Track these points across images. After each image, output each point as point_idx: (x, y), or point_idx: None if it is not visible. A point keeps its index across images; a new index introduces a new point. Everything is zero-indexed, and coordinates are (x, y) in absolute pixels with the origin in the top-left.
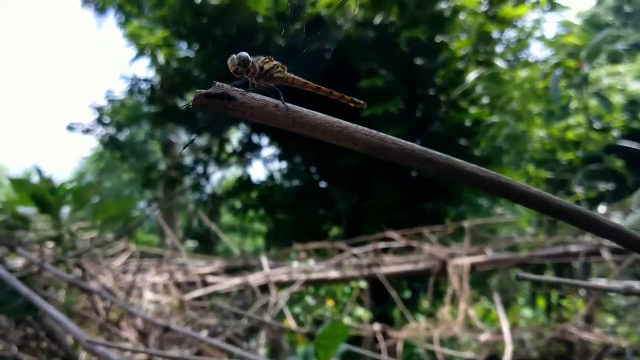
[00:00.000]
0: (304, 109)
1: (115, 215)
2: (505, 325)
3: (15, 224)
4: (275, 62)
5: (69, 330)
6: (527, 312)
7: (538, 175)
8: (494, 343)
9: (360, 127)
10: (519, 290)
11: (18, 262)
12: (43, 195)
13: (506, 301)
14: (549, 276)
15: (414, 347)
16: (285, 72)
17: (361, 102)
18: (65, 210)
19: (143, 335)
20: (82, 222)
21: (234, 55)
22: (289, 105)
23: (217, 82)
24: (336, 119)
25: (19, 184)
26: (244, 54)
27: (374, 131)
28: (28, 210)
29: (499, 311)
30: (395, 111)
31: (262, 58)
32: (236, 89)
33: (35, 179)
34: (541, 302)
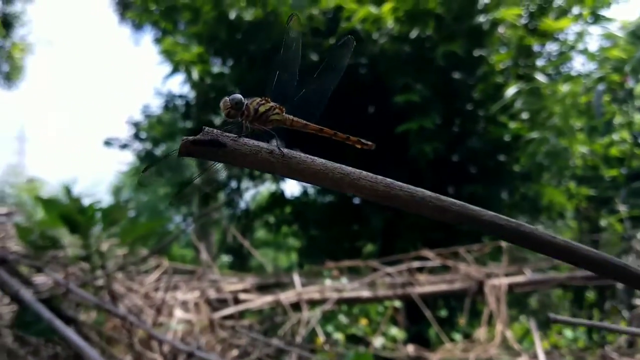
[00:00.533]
0: (301, 154)
1: (144, 235)
2: (541, 353)
3: (45, 244)
4: (271, 104)
5: (89, 357)
6: (568, 333)
7: (580, 192)
8: None
9: (365, 173)
10: (560, 310)
11: (49, 280)
12: (72, 215)
13: (545, 321)
14: (589, 299)
15: None
16: (284, 113)
17: (369, 143)
18: (96, 230)
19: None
20: (113, 239)
21: (226, 98)
22: (284, 150)
23: (206, 128)
24: (338, 165)
25: (49, 204)
26: (237, 95)
27: (379, 177)
28: (58, 230)
29: (536, 338)
30: (431, 126)
31: (258, 99)
32: (227, 134)
33: (65, 199)
34: None
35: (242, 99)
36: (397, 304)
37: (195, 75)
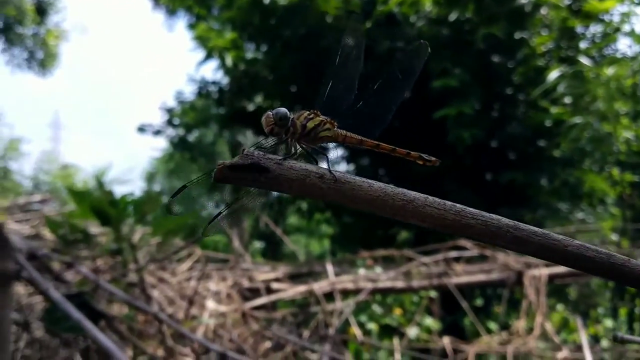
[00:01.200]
0: (356, 177)
1: (176, 228)
2: (586, 346)
3: (75, 237)
4: (321, 118)
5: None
6: (609, 322)
7: (624, 179)
8: None
9: (431, 199)
10: (600, 299)
11: (80, 276)
12: (104, 207)
13: (585, 310)
14: (631, 289)
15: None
16: (335, 128)
17: (432, 158)
18: (128, 222)
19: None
20: (145, 230)
21: (269, 112)
22: (337, 174)
23: (246, 149)
24: (399, 190)
25: (80, 196)
26: (282, 109)
27: (448, 203)
28: (89, 223)
29: (582, 337)
30: (470, 112)
31: (305, 113)
32: (270, 156)
33: (97, 190)
34: (623, 312)
35: (288, 113)
36: (433, 293)
37: (228, 61)
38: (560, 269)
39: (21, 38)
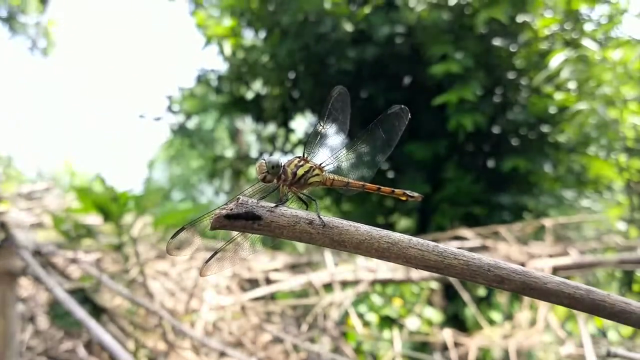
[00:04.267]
0: (344, 221)
1: (176, 223)
2: (587, 343)
3: (78, 233)
4: (310, 164)
5: (115, 357)
6: None
7: (631, 166)
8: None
9: (414, 240)
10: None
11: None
12: (106, 203)
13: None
14: None
15: (488, 350)
16: (324, 173)
17: (415, 194)
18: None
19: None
20: (146, 222)
21: (262, 160)
22: (325, 219)
23: (241, 198)
24: (384, 232)
25: (83, 192)
26: (275, 158)
27: (431, 244)
28: (92, 218)
29: (583, 330)
30: (471, 98)
31: (295, 161)
32: (263, 204)
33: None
34: None
35: (280, 161)
36: (434, 285)
37: (227, 49)
38: (565, 260)
39: (24, 27)
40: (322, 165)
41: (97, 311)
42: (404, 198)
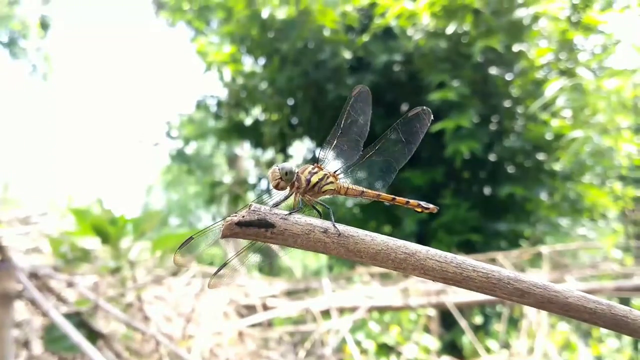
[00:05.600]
0: (359, 230)
1: (175, 246)
2: None
3: (75, 256)
4: (324, 172)
5: None
6: (614, 342)
7: (626, 194)
8: None
9: (433, 251)
10: None
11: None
12: (104, 226)
13: (587, 330)
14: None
15: None
16: (338, 181)
17: (430, 206)
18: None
19: None
20: (144, 247)
21: (275, 167)
22: (340, 227)
23: (254, 205)
24: (401, 242)
25: (80, 214)
26: (288, 165)
27: (449, 255)
28: (89, 241)
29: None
30: (468, 125)
31: (309, 168)
32: (276, 211)
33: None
34: None
35: (293, 168)
36: (431, 312)
37: (227, 75)
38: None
39: (25, 52)
40: (337, 172)
41: (93, 336)
42: (418, 210)
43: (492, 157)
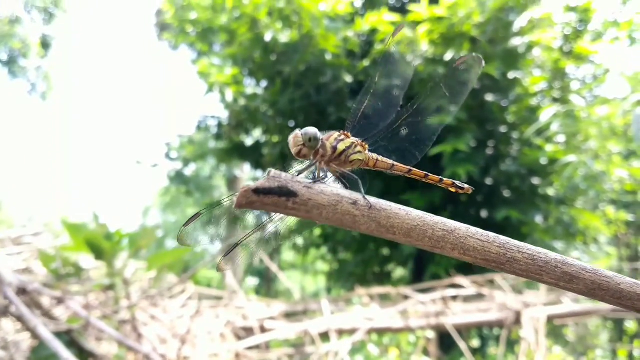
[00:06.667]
0: (392, 204)
1: (170, 264)
2: None
3: (67, 272)
4: (352, 140)
5: None
6: None
7: (618, 217)
8: None
9: (473, 229)
10: (598, 341)
11: (70, 312)
12: (98, 241)
13: (583, 352)
14: (630, 331)
15: None
16: (366, 151)
17: (465, 186)
18: (122, 256)
19: None
20: (139, 265)
21: (297, 131)
22: (372, 200)
23: (273, 170)
24: (439, 218)
25: (75, 229)
26: (312, 129)
27: (491, 234)
28: (83, 258)
29: None
30: (465, 149)
31: (335, 134)
32: (299, 179)
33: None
34: (622, 353)
35: (317, 133)
36: (430, 334)
37: (229, 96)
38: (559, 309)
39: (24, 71)
40: (365, 142)
41: (84, 355)
42: (452, 189)
43: (488, 181)
